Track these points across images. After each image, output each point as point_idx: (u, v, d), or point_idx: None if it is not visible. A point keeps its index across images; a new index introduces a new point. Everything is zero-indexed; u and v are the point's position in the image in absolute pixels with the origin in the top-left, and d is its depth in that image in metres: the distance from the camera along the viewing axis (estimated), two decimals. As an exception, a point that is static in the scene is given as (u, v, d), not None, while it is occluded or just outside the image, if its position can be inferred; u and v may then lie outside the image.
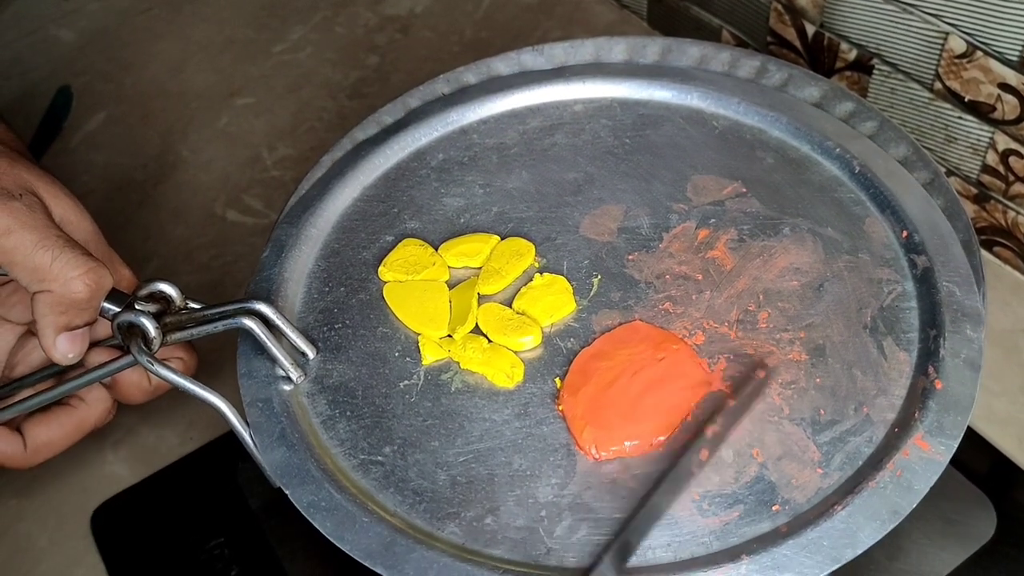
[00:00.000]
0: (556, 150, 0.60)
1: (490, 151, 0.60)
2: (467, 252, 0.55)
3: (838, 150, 0.56)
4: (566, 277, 0.53)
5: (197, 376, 0.50)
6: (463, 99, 0.62)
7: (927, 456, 0.44)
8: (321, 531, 0.45)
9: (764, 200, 0.55)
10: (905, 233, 0.53)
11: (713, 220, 0.55)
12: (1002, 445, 0.59)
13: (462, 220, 0.57)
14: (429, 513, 0.46)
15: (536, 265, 0.54)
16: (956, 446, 0.45)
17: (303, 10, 0.91)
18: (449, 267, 0.55)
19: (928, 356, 0.48)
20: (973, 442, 0.59)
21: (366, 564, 0.44)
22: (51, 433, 0.52)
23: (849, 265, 0.52)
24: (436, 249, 0.55)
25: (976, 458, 0.58)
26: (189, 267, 0.73)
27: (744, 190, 0.56)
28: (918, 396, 0.46)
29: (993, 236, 0.66)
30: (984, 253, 0.66)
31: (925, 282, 0.50)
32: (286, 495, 0.47)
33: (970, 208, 0.67)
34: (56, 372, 0.54)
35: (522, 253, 0.54)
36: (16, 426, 0.52)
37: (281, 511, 0.47)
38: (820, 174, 0.56)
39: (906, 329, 0.49)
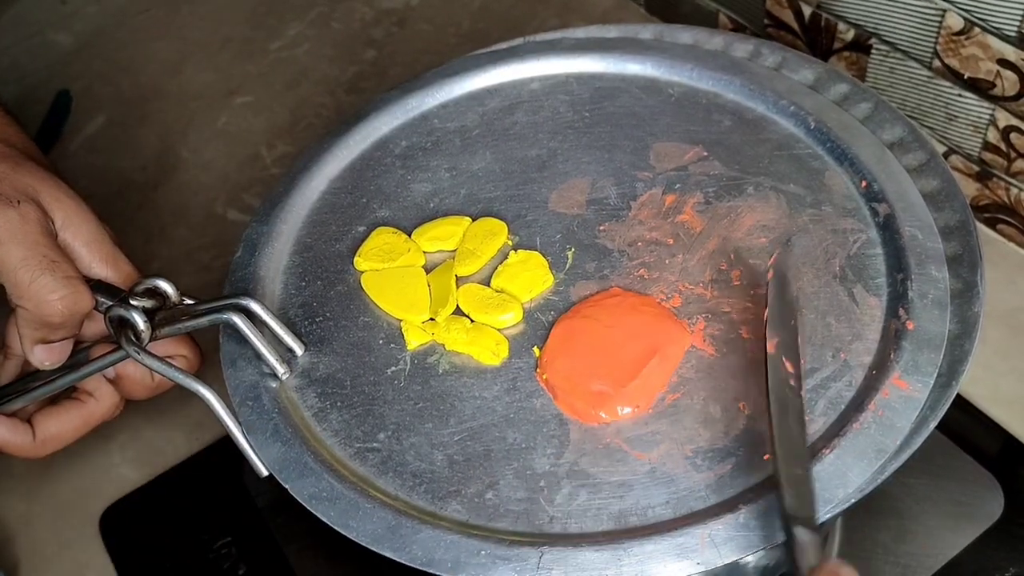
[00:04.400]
0: (517, 128, 0.60)
1: (452, 135, 0.61)
2: (440, 236, 0.55)
3: (792, 108, 0.58)
4: (540, 252, 0.54)
5: (198, 372, 0.50)
6: (421, 85, 0.63)
7: (906, 394, 0.46)
8: (325, 521, 0.46)
9: (725, 162, 0.57)
10: (864, 183, 0.54)
11: (678, 185, 0.56)
12: (1008, 425, 0.59)
13: (432, 205, 0.58)
14: (430, 494, 0.46)
15: (510, 243, 0.55)
16: (932, 382, 0.46)
17: (299, 7, 0.90)
18: (424, 252, 0.55)
19: (897, 299, 0.49)
20: (980, 422, 0.59)
21: (374, 549, 0.44)
22: (60, 425, 0.53)
23: (813, 218, 0.53)
24: (409, 235, 0.56)
25: (983, 438, 0.58)
26: (191, 267, 0.73)
27: (705, 153, 0.57)
28: (892, 338, 0.48)
29: (996, 214, 0.65)
30: (988, 231, 0.66)
31: (888, 228, 0.52)
32: (289, 492, 0.47)
33: (972, 186, 0.66)
34: (68, 366, 0.55)
35: (495, 232, 0.55)
36: (26, 418, 0.53)
37: (288, 509, 0.48)
38: (777, 132, 0.58)
39: (874, 275, 0.51)
